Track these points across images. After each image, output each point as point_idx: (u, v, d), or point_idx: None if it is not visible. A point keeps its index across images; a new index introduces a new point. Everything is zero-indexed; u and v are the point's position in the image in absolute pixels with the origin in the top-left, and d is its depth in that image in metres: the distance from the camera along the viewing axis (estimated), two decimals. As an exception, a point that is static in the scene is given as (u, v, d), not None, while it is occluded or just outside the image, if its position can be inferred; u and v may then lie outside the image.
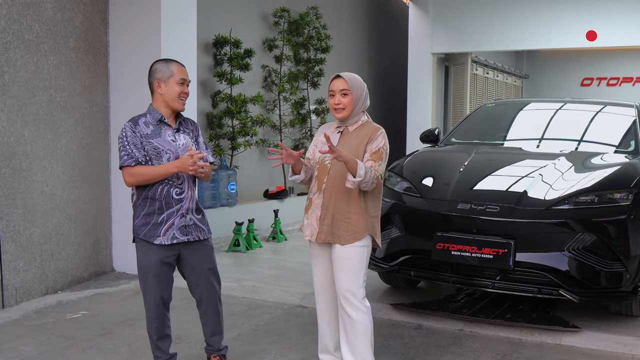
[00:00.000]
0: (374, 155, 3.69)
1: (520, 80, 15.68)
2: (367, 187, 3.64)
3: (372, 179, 3.60)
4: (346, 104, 3.76)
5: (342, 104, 3.76)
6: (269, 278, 6.38)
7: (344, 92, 3.75)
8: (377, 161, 3.68)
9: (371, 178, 3.60)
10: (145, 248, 3.83)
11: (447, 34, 11.42)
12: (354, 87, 3.75)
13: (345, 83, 3.74)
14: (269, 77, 9.32)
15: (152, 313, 3.89)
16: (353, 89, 3.75)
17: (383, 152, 3.73)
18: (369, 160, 3.67)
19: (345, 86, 3.74)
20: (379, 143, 3.73)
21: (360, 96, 3.78)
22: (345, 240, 3.71)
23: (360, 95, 3.78)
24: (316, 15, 9.89)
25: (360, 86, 3.79)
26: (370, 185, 3.63)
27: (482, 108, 6.92)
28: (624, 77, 15.35)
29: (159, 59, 3.98)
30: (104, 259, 6.54)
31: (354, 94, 3.76)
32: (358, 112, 3.82)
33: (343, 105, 3.76)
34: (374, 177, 3.61)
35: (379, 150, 3.71)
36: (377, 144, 3.72)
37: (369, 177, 3.57)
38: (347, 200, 3.71)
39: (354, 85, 3.76)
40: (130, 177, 3.75)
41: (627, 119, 6.04)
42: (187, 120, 3.99)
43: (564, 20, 10.38)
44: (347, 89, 3.74)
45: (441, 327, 5.05)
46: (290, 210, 9.00)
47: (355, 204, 3.71)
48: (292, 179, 3.89)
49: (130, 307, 5.50)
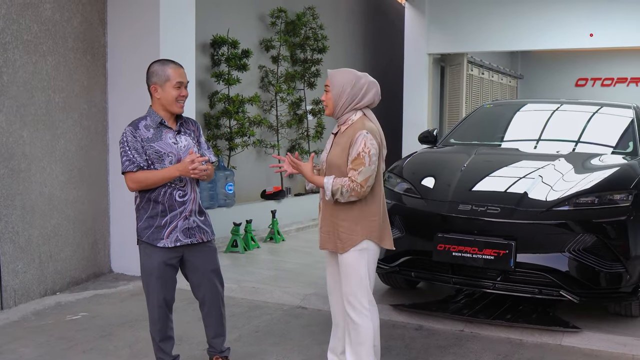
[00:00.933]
0: (354, 162, 3.52)
1: (515, 81, 15.73)
2: (344, 200, 3.56)
3: (345, 193, 3.51)
4: (327, 101, 3.69)
5: (324, 100, 3.72)
6: (268, 279, 6.38)
7: (326, 88, 3.70)
8: (357, 168, 3.51)
9: (344, 193, 3.51)
10: (149, 250, 3.82)
11: (443, 34, 11.44)
12: (333, 84, 3.64)
13: (327, 79, 3.69)
14: (265, 77, 9.32)
15: (155, 315, 3.88)
16: (333, 86, 3.64)
17: (365, 155, 3.51)
18: (350, 169, 3.54)
19: (327, 82, 3.69)
20: (358, 147, 3.53)
21: (340, 93, 3.62)
22: (342, 249, 3.67)
23: (341, 92, 3.62)
24: (313, 15, 9.89)
25: (340, 83, 3.62)
26: (348, 198, 3.54)
27: (481, 109, 6.94)
28: (619, 77, 15.42)
29: (156, 60, 3.93)
30: (102, 260, 6.52)
31: (334, 91, 3.63)
32: (344, 110, 3.66)
33: (325, 101, 3.71)
34: (346, 191, 3.51)
35: (359, 156, 3.52)
36: (356, 148, 3.53)
37: (339, 193, 3.52)
38: (339, 208, 3.65)
39: (334, 82, 3.64)
40: (133, 183, 3.74)
41: (625, 120, 6.07)
42: (188, 121, 3.98)
43: (560, 21, 10.43)
44: (328, 85, 3.68)
45: (442, 328, 5.06)
46: (288, 211, 9.00)
47: (348, 210, 3.63)
48: (309, 187, 3.88)
49: (130, 309, 5.49)
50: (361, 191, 3.54)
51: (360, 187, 3.53)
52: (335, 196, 3.55)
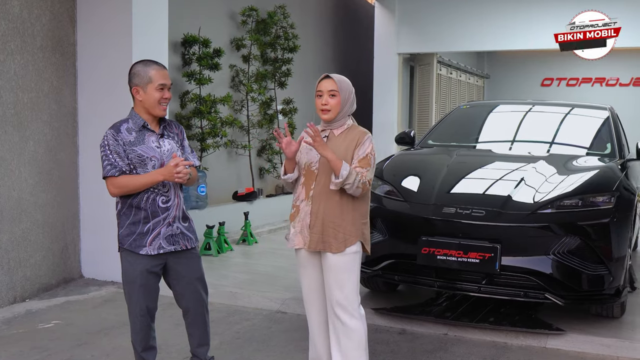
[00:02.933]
0: (362, 161, 3.60)
1: (482, 81, 15.84)
2: (351, 191, 3.54)
3: (357, 182, 3.50)
4: (333, 106, 3.67)
5: (329, 105, 3.67)
6: (245, 283, 6.26)
7: (332, 93, 3.66)
8: (365, 167, 3.59)
9: (356, 182, 3.50)
10: (131, 258, 3.68)
11: (413, 34, 11.43)
12: (342, 89, 3.68)
13: (334, 84, 3.66)
14: (236, 77, 9.18)
15: (137, 324, 3.74)
16: (341, 91, 3.67)
17: (371, 157, 3.63)
18: (357, 167, 3.58)
19: (333, 87, 3.66)
20: (367, 148, 3.63)
21: (347, 99, 3.70)
22: (336, 249, 3.62)
23: (348, 98, 3.70)
24: (284, 14, 9.78)
25: (348, 89, 3.72)
26: (355, 189, 3.53)
27: (457, 110, 6.92)
28: (584, 77, 15.62)
29: (138, 61, 3.77)
30: (73, 265, 6.33)
31: (342, 96, 3.67)
32: (344, 116, 3.74)
33: (330, 106, 3.67)
34: (359, 181, 3.51)
35: (367, 156, 3.61)
36: (365, 149, 3.62)
37: (353, 179, 3.49)
38: (336, 207, 3.62)
39: (343, 87, 3.68)
40: (115, 188, 3.60)
41: (602, 122, 6.11)
42: (171, 124, 3.85)
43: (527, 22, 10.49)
44: (336, 90, 3.66)
45: (425, 332, 5.02)
46: (260, 212, 8.88)
47: (345, 210, 3.62)
48: (285, 177, 3.75)
49: (104, 316, 5.32)
50: (367, 188, 3.60)
51: (369, 184, 3.59)
52: (347, 181, 3.49)
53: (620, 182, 4.96)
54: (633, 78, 15.16)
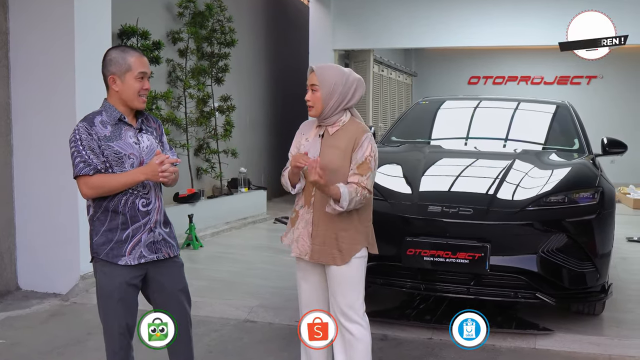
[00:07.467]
0: (361, 167, 3.26)
1: (410, 78, 15.84)
2: (352, 208, 3.24)
3: (358, 202, 3.21)
4: (315, 101, 3.33)
5: (311, 100, 3.35)
6: (203, 290, 5.82)
7: (313, 87, 3.34)
8: (365, 174, 3.25)
9: (357, 202, 3.20)
10: (108, 269, 3.23)
11: (349, 30, 11.25)
12: (324, 82, 3.31)
13: (314, 77, 3.33)
14: (173, 72, 8.68)
15: (115, 344, 3.29)
16: (322, 85, 3.31)
17: (371, 160, 3.28)
18: (356, 175, 3.25)
19: (313, 80, 3.33)
20: (365, 151, 3.27)
21: (332, 92, 3.31)
22: (341, 261, 3.32)
23: (332, 92, 3.31)
24: (220, 7, 9.34)
25: (332, 81, 3.31)
26: (356, 205, 3.23)
27: (417, 106, 6.76)
28: (509, 75, 15.89)
29: (114, 46, 3.37)
30: (9, 276, 5.74)
31: (323, 90, 3.31)
32: (334, 111, 3.35)
33: (312, 102, 3.35)
34: (361, 198, 3.21)
35: (366, 160, 3.26)
36: (363, 152, 3.27)
37: (354, 203, 3.19)
38: (339, 217, 3.29)
39: (324, 80, 3.31)
40: (89, 189, 3.15)
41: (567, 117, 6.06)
42: (149, 118, 3.43)
43: (462, 19, 10.53)
44: (316, 85, 3.32)
45: (408, 337, 4.78)
46: (204, 215, 8.42)
47: (348, 218, 3.31)
48: (296, 191, 3.40)
49: (54, 333, 4.81)
50: (370, 197, 3.28)
51: (370, 193, 3.27)
52: (350, 206, 3.17)
53: (601, 178, 4.89)
54: (557, 77, 15.55)
